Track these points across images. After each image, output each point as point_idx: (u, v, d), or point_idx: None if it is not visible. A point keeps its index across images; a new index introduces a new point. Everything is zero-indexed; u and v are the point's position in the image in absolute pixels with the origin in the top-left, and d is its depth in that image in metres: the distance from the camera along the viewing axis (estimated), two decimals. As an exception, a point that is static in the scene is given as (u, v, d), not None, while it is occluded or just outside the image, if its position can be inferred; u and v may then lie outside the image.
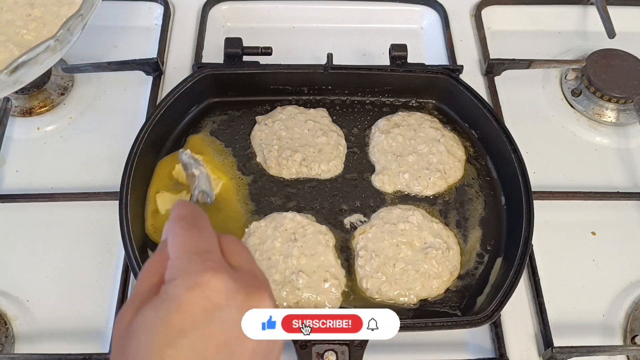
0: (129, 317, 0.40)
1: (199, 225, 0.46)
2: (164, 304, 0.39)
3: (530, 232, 0.70)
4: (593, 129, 0.88)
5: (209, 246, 0.43)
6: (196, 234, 0.44)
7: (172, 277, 0.41)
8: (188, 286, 0.39)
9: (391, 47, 0.83)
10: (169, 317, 0.38)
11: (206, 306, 0.39)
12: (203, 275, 0.40)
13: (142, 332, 0.38)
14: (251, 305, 0.40)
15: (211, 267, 0.41)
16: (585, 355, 0.68)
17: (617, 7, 0.96)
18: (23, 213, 0.77)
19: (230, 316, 0.39)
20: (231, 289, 0.40)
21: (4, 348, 0.67)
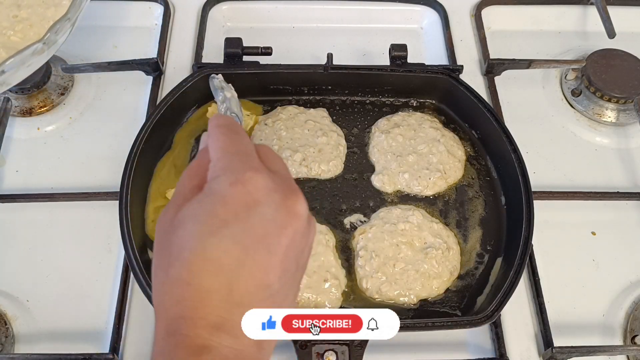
0: (172, 214, 0.43)
1: (238, 130, 0.48)
2: (209, 198, 0.42)
3: (530, 232, 0.70)
4: (593, 129, 0.88)
5: (248, 150, 0.46)
6: (236, 138, 0.46)
7: (215, 175, 0.43)
8: (231, 182, 0.41)
9: (391, 47, 0.83)
10: (213, 209, 0.41)
11: (247, 201, 0.41)
12: (245, 172, 0.42)
13: (187, 221, 0.41)
14: (287, 205, 0.42)
15: (252, 166, 0.43)
16: (585, 355, 0.68)
17: (617, 7, 0.96)
18: (23, 213, 0.77)
19: (268, 212, 0.41)
20: (270, 188, 0.42)
21: (4, 348, 0.67)
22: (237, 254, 0.40)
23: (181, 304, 0.39)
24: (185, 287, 0.39)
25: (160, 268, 0.42)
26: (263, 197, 0.41)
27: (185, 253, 0.40)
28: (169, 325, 0.40)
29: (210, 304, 0.39)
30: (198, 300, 0.39)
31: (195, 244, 0.40)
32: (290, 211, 0.42)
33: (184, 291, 0.39)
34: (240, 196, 0.41)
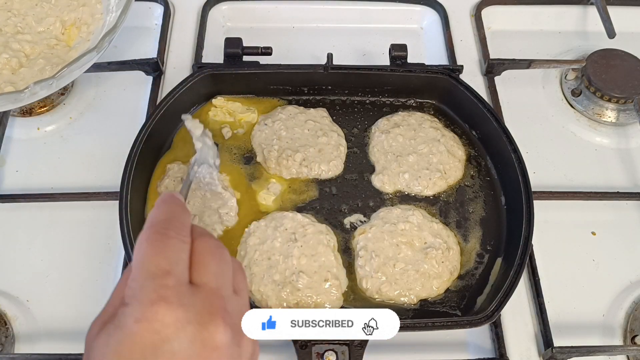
0: (95, 331, 0.41)
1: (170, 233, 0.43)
2: (116, 332, 0.39)
3: (530, 232, 0.70)
4: (593, 129, 0.88)
5: (169, 264, 0.41)
6: (161, 246, 0.42)
7: (127, 302, 0.40)
8: (137, 318, 0.38)
9: (391, 47, 0.83)
10: (118, 348, 0.38)
11: (154, 340, 0.38)
12: (152, 306, 0.38)
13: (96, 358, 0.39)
14: (203, 337, 0.39)
15: (163, 296, 0.39)
16: (585, 355, 0.68)
17: (617, 7, 0.96)
18: (23, 213, 0.77)
19: (180, 348, 0.38)
20: (181, 320, 0.39)
21: (4, 348, 0.67)
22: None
23: None
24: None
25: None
26: (172, 333, 0.38)
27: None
28: None
29: None
30: None
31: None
32: (206, 345, 0.39)
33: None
34: (146, 334, 0.38)
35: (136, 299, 0.39)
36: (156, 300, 0.39)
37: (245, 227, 0.73)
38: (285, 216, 0.73)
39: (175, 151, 0.79)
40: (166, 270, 0.41)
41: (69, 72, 0.70)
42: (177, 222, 0.44)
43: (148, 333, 0.38)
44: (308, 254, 0.70)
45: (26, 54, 0.79)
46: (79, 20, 0.84)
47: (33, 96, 0.69)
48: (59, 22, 0.83)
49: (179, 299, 0.39)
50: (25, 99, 0.69)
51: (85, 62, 0.71)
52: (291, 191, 0.77)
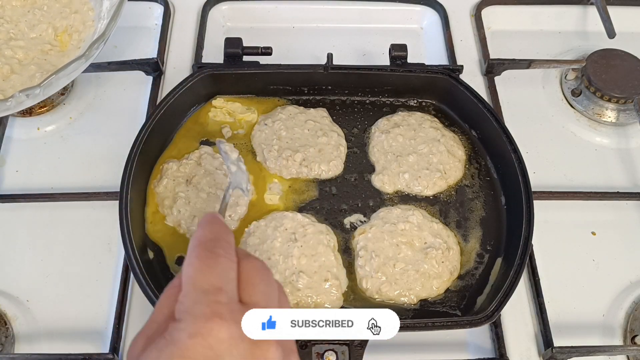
0: (139, 348, 0.41)
1: (218, 251, 0.44)
2: (167, 347, 0.39)
3: (530, 232, 0.70)
4: (593, 129, 0.88)
5: (221, 281, 0.42)
6: (211, 264, 0.43)
7: (178, 318, 0.40)
8: (190, 333, 0.38)
9: (391, 47, 0.83)
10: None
11: (207, 355, 0.38)
12: (207, 322, 0.39)
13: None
14: (256, 353, 0.40)
15: (217, 312, 0.39)
16: (585, 355, 0.68)
17: (617, 7, 0.96)
18: (23, 213, 0.77)
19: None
20: (235, 337, 0.39)
21: (4, 348, 0.67)
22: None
23: None
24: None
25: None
26: (226, 350, 0.38)
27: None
28: None
29: None
30: None
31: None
32: (257, 358, 0.39)
33: None
34: (199, 349, 0.38)
35: (189, 314, 0.39)
36: (210, 316, 0.39)
37: (245, 227, 0.73)
38: (285, 216, 0.73)
39: (171, 151, 0.79)
40: (218, 287, 0.41)
41: (56, 80, 0.69)
42: (223, 242, 0.45)
43: (202, 348, 0.38)
44: (308, 254, 0.70)
45: (19, 59, 0.79)
46: (70, 27, 0.83)
47: (19, 105, 0.68)
48: (52, 29, 0.83)
49: (232, 315, 0.40)
50: (12, 108, 0.68)
51: (73, 70, 0.70)
52: (291, 191, 0.77)
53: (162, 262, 0.71)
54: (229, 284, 0.42)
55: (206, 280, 0.41)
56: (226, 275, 0.42)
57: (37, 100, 0.70)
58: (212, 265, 0.42)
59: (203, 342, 0.38)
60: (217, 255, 0.43)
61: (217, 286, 0.41)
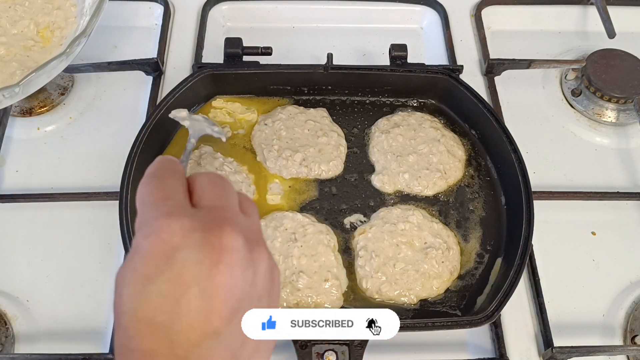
0: (119, 269, 0.42)
1: (161, 175, 0.45)
2: (130, 256, 0.40)
3: (530, 232, 0.70)
4: (593, 129, 0.88)
5: (167, 194, 0.43)
6: (156, 184, 0.44)
7: (135, 231, 0.42)
8: (145, 235, 0.40)
9: (391, 47, 0.83)
10: (134, 267, 0.39)
11: (165, 249, 0.39)
12: (156, 221, 0.40)
13: (119, 285, 0.40)
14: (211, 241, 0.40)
15: (165, 212, 0.41)
16: (585, 355, 0.68)
17: (617, 7, 0.96)
18: (23, 213, 0.77)
19: (191, 255, 0.39)
20: (186, 228, 0.40)
21: (4, 348, 0.67)
22: (169, 308, 0.38)
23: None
24: (129, 354, 0.38)
25: (114, 337, 0.42)
26: (180, 241, 0.39)
27: (122, 319, 0.39)
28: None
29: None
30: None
31: (127, 307, 0.39)
32: (216, 247, 0.39)
33: (130, 357, 0.38)
34: (155, 247, 0.39)
35: (142, 223, 0.41)
36: (159, 216, 0.40)
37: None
38: (285, 216, 0.73)
39: (171, 151, 0.79)
40: (164, 197, 0.43)
41: (36, 78, 0.68)
42: (169, 170, 0.46)
43: (157, 245, 0.39)
44: (308, 254, 0.70)
45: (0, 55, 0.78)
46: (52, 23, 0.82)
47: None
48: (33, 25, 0.82)
49: (182, 211, 0.41)
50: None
51: (53, 67, 0.69)
52: (291, 191, 0.77)
53: (162, 262, 0.71)
54: (176, 194, 0.43)
55: (152, 196, 0.43)
56: (172, 189, 0.44)
57: (18, 99, 0.70)
58: (157, 185, 0.44)
59: (157, 238, 0.39)
60: (162, 177, 0.45)
61: (164, 196, 0.43)
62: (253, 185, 0.76)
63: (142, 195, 0.44)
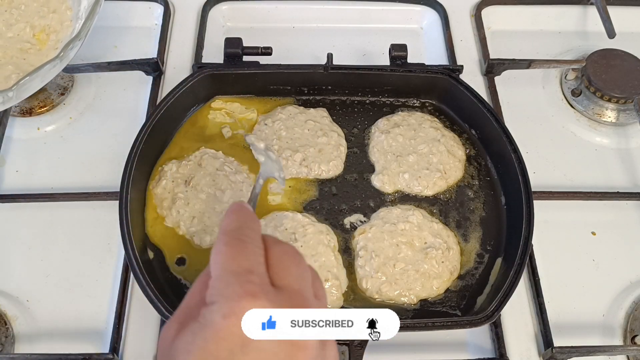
0: (172, 333, 0.40)
1: (244, 238, 0.43)
2: (202, 330, 0.38)
3: (530, 232, 0.70)
4: (593, 129, 0.88)
5: (251, 264, 0.41)
6: (239, 250, 0.42)
7: (211, 301, 0.40)
8: (224, 314, 0.38)
9: (391, 47, 0.83)
10: (205, 345, 0.37)
11: (243, 335, 0.37)
12: (239, 301, 0.38)
13: (180, 356, 0.38)
14: None
15: (249, 291, 0.39)
16: (585, 355, 0.68)
17: (617, 7, 0.96)
18: (23, 213, 0.77)
19: (268, 345, 0.38)
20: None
21: (4, 348, 0.67)
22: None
23: None
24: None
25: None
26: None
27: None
28: None
29: None
30: None
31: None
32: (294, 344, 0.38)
33: None
34: (234, 330, 0.37)
35: (221, 295, 0.39)
36: (243, 295, 0.38)
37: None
38: (285, 216, 0.73)
39: (171, 151, 0.79)
40: (249, 269, 0.40)
41: (30, 82, 0.67)
42: (249, 230, 0.44)
43: (236, 328, 0.37)
44: (308, 254, 0.70)
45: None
46: (48, 27, 0.82)
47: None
48: (29, 28, 0.82)
49: (265, 295, 0.39)
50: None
51: (47, 71, 0.68)
52: (292, 191, 0.77)
53: (162, 262, 0.71)
54: (259, 267, 0.41)
55: (235, 264, 0.41)
56: (255, 259, 0.42)
57: (13, 103, 0.69)
58: (240, 251, 0.42)
59: (237, 321, 0.37)
60: (243, 241, 0.43)
61: (248, 268, 0.41)
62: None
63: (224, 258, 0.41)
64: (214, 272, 0.41)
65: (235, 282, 0.39)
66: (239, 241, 0.43)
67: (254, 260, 0.42)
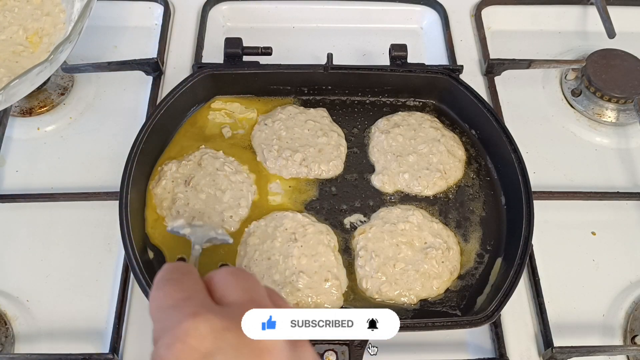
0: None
1: (175, 278, 0.41)
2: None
3: (530, 232, 0.70)
4: (593, 129, 0.88)
5: (187, 294, 0.38)
6: (172, 287, 0.39)
7: (156, 339, 0.37)
8: (167, 344, 0.35)
9: (391, 47, 0.83)
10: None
11: (194, 358, 0.34)
12: (180, 325, 0.35)
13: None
14: (247, 340, 0.35)
15: (189, 313, 0.36)
16: (585, 355, 0.68)
17: (617, 7, 0.96)
18: (23, 213, 0.77)
19: (229, 353, 0.34)
20: (217, 328, 0.35)
21: (4, 348, 0.67)
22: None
23: None
24: None
25: None
26: (212, 345, 0.34)
27: None
28: None
29: None
30: None
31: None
32: (255, 348, 0.35)
33: None
34: (184, 356, 0.34)
35: (163, 329, 0.36)
36: (183, 318, 0.35)
37: (245, 227, 0.73)
38: (285, 216, 0.73)
39: (171, 151, 0.79)
40: (186, 297, 0.38)
41: (19, 84, 0.66)
42: (182, 270, 0.42)
43: (184, 354, 0.34)
44: (308, 254, 0.70)
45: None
46: (41, 30, 0.82)
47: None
48: (22, 30, 0.82)
49: (208, 310, 0.36)
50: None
51: (37, 73, 0.67)
52: (292, 191, 0.77)
53: (162, 262, 0.71)
54: (198, 293, 0.38)
55: (171, 297, 0.38)
56: (193, 288, 0.39)
57: (3, 107, 0.68)
58: (174, 286, 0.39)
59: (183, 346, 0.34)
60: (176, 279, 0.40)
61: (184, 297, 0.38)
62: (254, 186, 0.76)
63: (158, 301, 0.38)
64: (154, 316, 0.38)
65: (172, 312, 0.36)
66: (171, 281, 0.40)
67: (191, 290, 0.39)
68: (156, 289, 0.40)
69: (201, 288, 0.39)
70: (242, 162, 0.78)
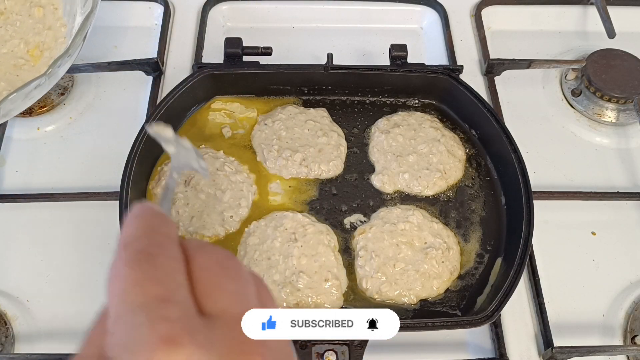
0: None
1: (153, 250, 0.31)
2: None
3: (530, 232, 0.70)
4: (593, 129, 0.88)
5: (164, 290, 0.29)
6: (146, 268, 0.29)
7: (112, 357, 0.28)
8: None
9: (391, 47, 0.83)
10: None
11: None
12: (153, 353, 0.26)
13: None
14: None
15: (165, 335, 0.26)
16: (585, 355, 0.68)
17: (617, 7, 0.96)
18: (23, 213, 0.77)
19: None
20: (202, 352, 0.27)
21: (4, 348, 0.67)
22: None
23: None
24: None
25: None
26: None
27: None
28: None
29: None
30: None
31: None
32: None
33: None
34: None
35: (126, 349, 0.27)
36: (157, 343, 0.26)
37: (245, 227, 0.73)
38: (285, 216, 0.73)
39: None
40: (162, 298, 0.28)
41: (17, 99, 0.65)
42: (158, 236, 0.32)
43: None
44: (308, 254, 0.70)
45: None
46: (42, 43, 0.82)
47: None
48: (23, 44, 0.82)
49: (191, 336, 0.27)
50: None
51: (33, 87, 0.66)
52: (292, 191, 0.77)
53: (162, 262, 0.71)
54: (178, 290, 0.29)
55: (142, 292, 0.28)
56: (171, 280, 0.29)
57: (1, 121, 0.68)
58: (147, 270, 0.29)
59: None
60: (151, 256, 0.30)
61: (161, 296, 0.28)
62: (254, 186, 0.76)
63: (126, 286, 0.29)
64: (112, 309, 0.29)
65: (144, 323, 0.27)
66: (146, 256, 0.30)
67: (169, 282, 0.29)
68: (125, 264, 0.30)
69: (182, 280, 0.30)
70: (242, 162, 0.78)
